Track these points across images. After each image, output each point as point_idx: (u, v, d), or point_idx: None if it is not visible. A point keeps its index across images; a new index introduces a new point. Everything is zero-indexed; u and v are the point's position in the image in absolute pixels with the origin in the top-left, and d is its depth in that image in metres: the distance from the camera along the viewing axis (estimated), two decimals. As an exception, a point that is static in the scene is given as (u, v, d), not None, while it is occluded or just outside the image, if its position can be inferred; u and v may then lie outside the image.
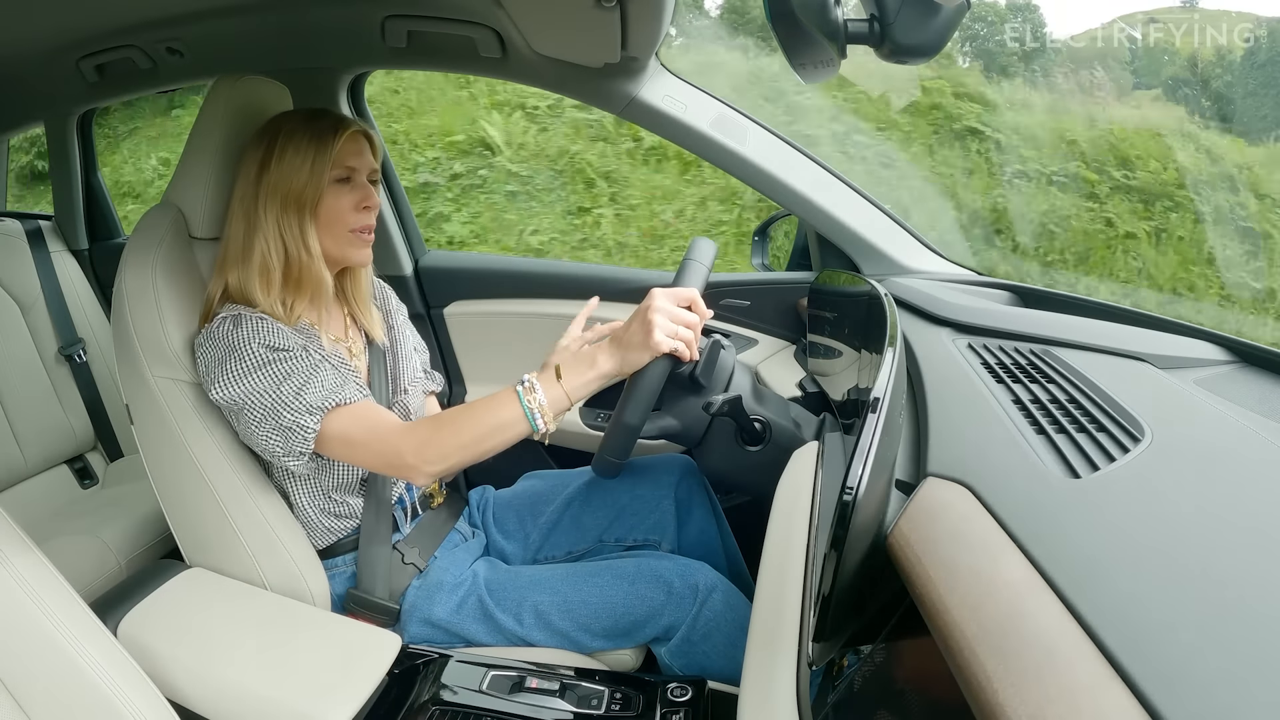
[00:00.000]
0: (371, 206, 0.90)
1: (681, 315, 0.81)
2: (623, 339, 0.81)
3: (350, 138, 0.87)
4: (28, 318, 1.56)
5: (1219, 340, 0.82)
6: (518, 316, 1.48)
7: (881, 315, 0.78)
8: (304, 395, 0.81)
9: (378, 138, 0.94)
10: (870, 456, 0.48)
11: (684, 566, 0.90)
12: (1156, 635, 0.35)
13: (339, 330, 0.97)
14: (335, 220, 0.88)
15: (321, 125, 0.87)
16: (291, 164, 0.85)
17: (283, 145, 0.86)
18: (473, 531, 1.07)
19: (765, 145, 1.23)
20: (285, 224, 0.86)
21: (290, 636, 0.82)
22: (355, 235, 0.90)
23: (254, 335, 0.82)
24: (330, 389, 0.83)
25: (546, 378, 0.81)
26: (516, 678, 0.80)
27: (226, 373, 0.81)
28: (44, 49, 1.33)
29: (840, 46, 0.57)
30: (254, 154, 0.87)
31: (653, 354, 0.79)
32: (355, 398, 0.85)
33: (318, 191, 0.86)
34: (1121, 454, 0.53)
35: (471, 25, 1.14)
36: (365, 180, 0.90)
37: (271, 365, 0.81)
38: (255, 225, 0.86)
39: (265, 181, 0.86)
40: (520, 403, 0.79)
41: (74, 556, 1.23)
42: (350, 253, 0.91)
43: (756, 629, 0.60)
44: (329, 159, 0.86)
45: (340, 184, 0.88)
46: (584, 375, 0.81)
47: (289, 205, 0.85)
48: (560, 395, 0.80)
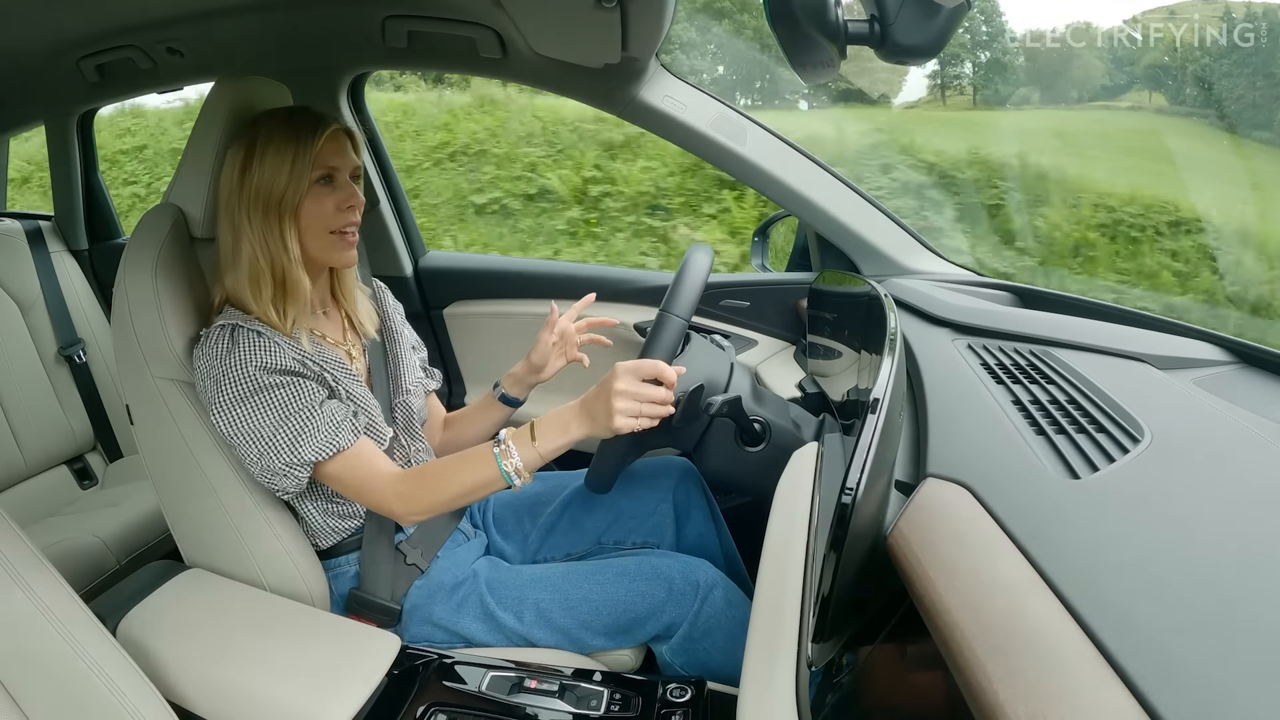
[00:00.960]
0: (355, 205, 0.89)
1: (645, 392, 0.78)
2: (590, 411, 0.80)
3: (331, 136, 0.86)
4: (27, 318, 1.56)
5: (1218, 341, 0.82)
6: (517, 317, 1.48)
7: (881, 316, 0.78)
8: (299, 448, 0.81)
9: (360, 135, 0.93)
10: (870, 457, 0.48)
11: (685, 563, 0.90)
12: (1156, 635, 0.35)
13: (337, 333, 0.96)
14: (317, 222, 0.87)
15: (301, 125, 0.85)
16: (272, 167, 0.84)
17: (263, 147, 0.84)
18: (475, 531, 1.07)
19: (765, 145, 1.23)
20: (268, 229, 0.85)
21: (290, 637, 0.82)
22: (337, 237, 0.88)
23: (250, 356, 0.81)
24: (326, 437, 0.83)
25: (522, 439, 0.82)
26: (516, 678, 0.80)
27: (223, 395, 0.81)
28: (44, 49, 1.33)
29: (840, 47, 0.57)
30: (235, 157, 0.86)
31: (616, 434, 0.79)
32: (349, 443, 0.84)
33: (299, 194, 0.85)
34: (1121, 455, 0.53)
35: (472, 26, 1.15)
36: (347, 179, 0.88)
37: (268, 393, 0.81)
38: (241, 231, 0.85)
39: (247, 186, 0.84)
40: (498, 464, 0.81)
41: (74, 557, 1.23)
42: (333, 255, 0.89)
43: (756, 629, 0.60)
44: (310, 160, 0.84)
45: (322, 184, 0.86)
46: (557, 440, 0.81)
47: (271, 209, 0.84)
48: (535, 457, 0.81)
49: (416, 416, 1.01)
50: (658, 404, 0.80)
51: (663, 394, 0.80)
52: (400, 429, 0.98)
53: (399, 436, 0.97)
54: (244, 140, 0.86)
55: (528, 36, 1.05)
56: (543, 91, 1.58)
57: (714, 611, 0.87)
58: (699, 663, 0.87)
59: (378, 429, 0.91)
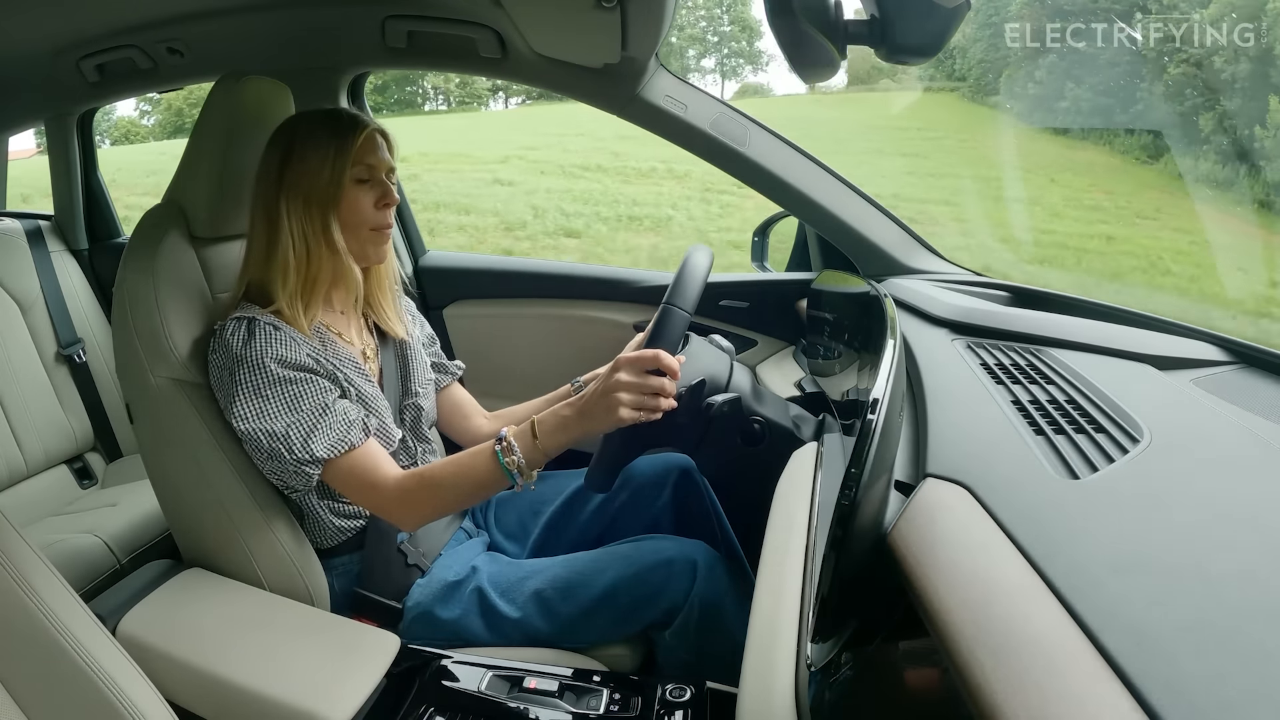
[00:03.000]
0: (391, 203, 0.91)
1: (647, 382, 0.77)
2: (589, 410, 0.79)
3: (368, 136, 0.88)
4: (27, 318, 1.56)
5: (1217, 341, 0.82)
6: (518, 317, 1.48)
7: (881, 316, 0.78)
8: (311, 444, 0.82)
9: (392, 136, 0.94)
10: (870, 457, 0.48)
11: (683, 546, 0.91)
12: (1155, 635, 0.35)
13: (353, 333, 0.97)
14: (356, 219, 0.89)
15: (340, 125, 0.88)
16: (312, 164, 0.86)
17: (302, 145, 0.87)
18: (476, 530, 1.07)
19: (765, 145, 1.23)
20: (309, 224, 0.87)
21: (289, 637, 0.82)
22: (375, 233, 0.91)
23: (266, 348, 0.82)
24: (338, 434, 0.84)
25: (524, 437, 0.81)
26: (515, 678, 0.80)
27: (240, 387, 0.82)
28: (44, 49, 1.34)
29: (840, 46, 0.57)
30: (273, 155, 0.88)
31: (619, 426, 0.78)
32: (360, 440, 0.85)
33: (339, 190, 0.87)
34: (1120, 455, 0.54)
35: (471, 25, 1.15)
36: (384, 177, 0.91)
37: (283, 388, 0.82)
38: (278, 227, 0.87)
39: (286, 182, 0.86)
40: (500, 463, 0.81)
41: (73, 556, 1.23)
42: (370, 250, 0.92)
43: (756, 629, 0.60)
44: (349, 158, 0.87)
45: (360, 183, 0.89)
46: (559, 437, 0.81)
47: (312, 205, 0.86)
48: (538, 456, 0.81)
49: (425, 418, 1.02)
50: (660, 395, 0.78)
51: (665, 384, 0.78)
52: (408, 430, 0.99)
53: (406, 438, 0.98)
54: (281, 139, 0.88)
55: (528, 36, 1.05)
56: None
57: (713, 593, 0.87)
58: (699, 646, 0.87)
59: (387, 430, 0.92)
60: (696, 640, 0.87)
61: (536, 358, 1.49)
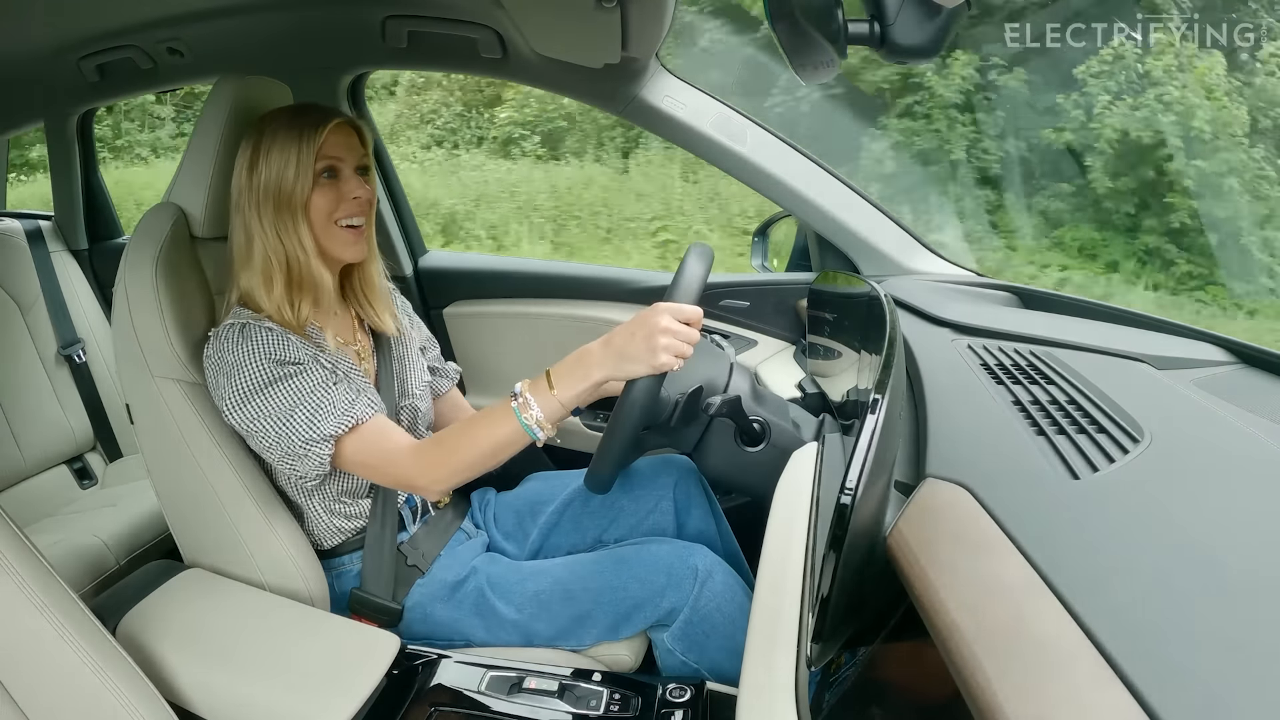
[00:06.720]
0: (359, 198, 0.88)
1: (686, 333, 0.78)
2: (621, 349, 0.78)
3: (335, 130, 0.86)
4: (27, 318, 1.56)
5: (1218, 341, 0.82)
6: (518, 317, 1.48)
7: (881, 316, 0.78)
8: (317, 423, 0.81)
9: (369, 129, 0.93)
10: (869, 457, 0.48)
11: (683, 549, 0.90)
12: (1155, 636, 0.35)
13: (347, 333, 0.97)
14: (323, 215, 0.87)
15: (304, 120, 0.86)
16: (278, 163, 0.84)
17: (268, 145, 0.85)
18: (476, 531, 1.07)
19: (765, 145, 1.23)
20: (280, 225, 0.85)
21: (289, 637, 0.82)
22: (342, 229, 0.89)
23: (260, 349, 0.82)
24: (343, 410, 0.83)
25: (539, 388, 0.80)
26: (515, 678, 0.80)
27: (236, 389, 0.81)
28: (44, 49, 1.34)
29: (840, 47, 0.57)
30: (243, 156, 0.87)
31: (652, 370, 0.77)
32: (367, 415, 0.85)
33: (306, 188, 0.85)
34: (1121, 455, 0.54)
35: (472, 26, 1.15)
36: (352, 172, 0.89)
37: (281, 384, 0.81)
38: (252, 229, 0.86)
39: (255, 183, 0.85)
40: (517, 418, 0.79)
41: (73, 557, 1.23)
42: (342, 249, 0.89)
43: (756, 629, 0.60)
44: (313, 154, 0.85)
45: (326, 177, 0.87)
46: (577, 386, 0.79)
47: (281, 206, 0.85)
48: (555, 406, 0.80)
49: (422, 419, 1.01)
50: (689, 346, 0.78)
51: (697, 335, 0.79)
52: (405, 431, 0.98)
53: None
54: (250, 139, 0.87)
55: (528, 36, 1.05)
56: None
57: (713, 596, 0.86)
58: (699, 649, 0.87)
59: None
60: (697, 641, 0.87)
61: (536, 358, 1.49)
